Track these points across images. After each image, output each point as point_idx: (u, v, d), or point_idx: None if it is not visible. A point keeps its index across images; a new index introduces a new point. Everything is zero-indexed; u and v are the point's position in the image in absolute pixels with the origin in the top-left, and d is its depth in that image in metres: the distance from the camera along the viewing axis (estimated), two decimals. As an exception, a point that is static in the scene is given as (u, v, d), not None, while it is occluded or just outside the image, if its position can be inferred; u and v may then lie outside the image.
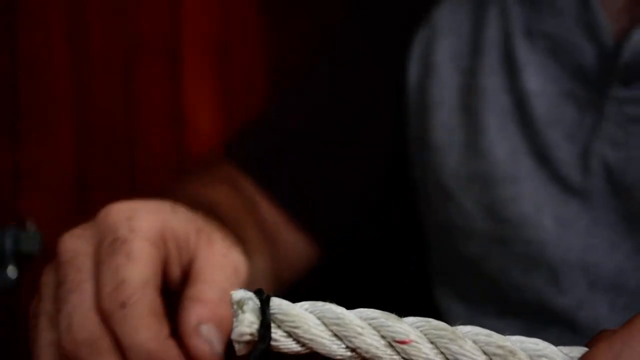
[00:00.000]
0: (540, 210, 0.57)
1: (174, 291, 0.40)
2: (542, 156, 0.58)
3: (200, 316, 0.37)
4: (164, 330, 0.37)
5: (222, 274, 0.39)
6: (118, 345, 0.36)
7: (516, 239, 0.58)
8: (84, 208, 0.81)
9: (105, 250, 0.38)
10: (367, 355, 0.31)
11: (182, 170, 0.84)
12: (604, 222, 0.56)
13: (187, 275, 0.40)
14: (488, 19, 0.62)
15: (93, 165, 0.82)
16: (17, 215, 0.79)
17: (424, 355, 0.30)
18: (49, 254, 0.77)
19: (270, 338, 0.30)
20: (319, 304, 0.31)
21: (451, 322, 0.32)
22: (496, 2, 0.62)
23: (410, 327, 0.31)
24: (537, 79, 0.59)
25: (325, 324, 0.31)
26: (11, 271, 0.77)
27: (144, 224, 0.39)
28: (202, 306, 0.37)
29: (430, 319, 0.31)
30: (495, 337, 0.31)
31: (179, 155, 0.85)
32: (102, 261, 0.38)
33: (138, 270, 0.37)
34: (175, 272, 0.40)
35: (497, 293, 0.59)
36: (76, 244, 0.39)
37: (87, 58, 0.83)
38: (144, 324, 0.36)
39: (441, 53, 0.63)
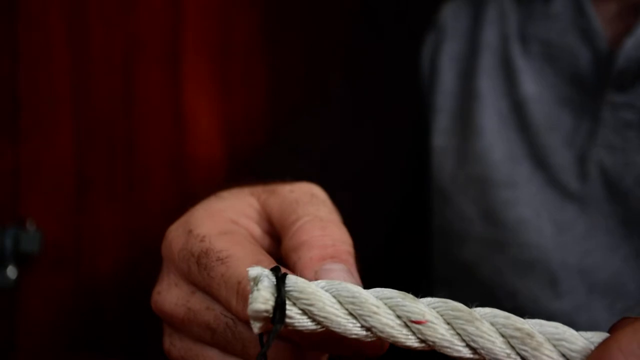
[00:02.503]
0: (538, 214, 0.58)
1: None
2: (539, 161, 0.58)
3: (324, 255, 0.34)
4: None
5: (305, 205, 0.37)
6: None
7: (513, 243, 0.58)
8: (84, 208, 0.81)
9: (201, 278, 0.35)
10: (382, 335, 0.30)
11: (182, 170, 0.84)
12: (602, 227, 0.56)
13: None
14: (486, 21, 0.62)
15: (93, 165, 0.82)
16: (17, 215, 0.79)
17: (439, 336, 0.30)
18: (49, 254, 0.78)
19: (285, 315, 0.30)
20: (335, 282, 0.31)
21: None
22: (495, 4, 0.63)
23: (426, 308, 0.30)
24: (533, 85, 0.59)
25: (340, 303, 0.30)
26: (11, 271, 0.77)
27: (205, 226, 0.36)
28: (322, 249, 0.35)
29: (448, 300, 0.31)
30: (513, 319, 0.31)
31: (179, 155, 0.85)
32: (208, 290, 0.35)
33: (242, 265, 0.34)
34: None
35: (491, 297, 0.59)
36: (173, 295, 0.37)
37: (87, 58, 0.82)
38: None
39: (444, 57, 0.64)
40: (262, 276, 0.30)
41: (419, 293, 0.32)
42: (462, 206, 0.61)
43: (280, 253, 0.37)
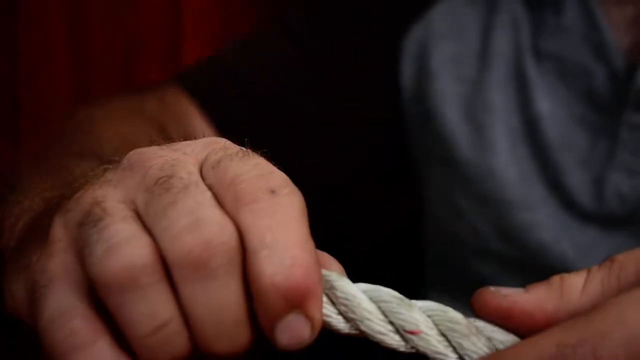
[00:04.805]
0: (558, 238, 0.55)
1: None
2: (553, 182, 0.56)
3: None
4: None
5: None
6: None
7: (536, 264, 0.56)
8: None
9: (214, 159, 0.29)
10: (373, 339, 0.29)
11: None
12: (625, 247, 0.52)
13: None
14: (498, 28, 0.58)
15: (93, 165, 0.82)
16: (17, 215, 0.79)
17: (432, 347, 0.29)
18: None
19: None
20: (333, 276, 0.29)
21: None
22: (507, 9, 0.58)
23: (422, 317, 0.29)
24: (547, 101, 0.56)
25: (333, 302, 0.29)
26: (11, 271, 0.77)
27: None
28: None
29: (448, 308, 0.30)
30: (512, 336, 0.30)
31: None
32: (217, 165, 0.29)
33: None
34: None
35: None
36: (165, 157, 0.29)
37: (87, 58, 0.83)
38: (297, 219, 0.27)
39: (440, 58, 0.60)
40: None
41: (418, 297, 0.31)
42: (478, 223, 0.58)
43: None
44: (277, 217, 0.27)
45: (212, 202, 0.27)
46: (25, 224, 0.36)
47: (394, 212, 0.70)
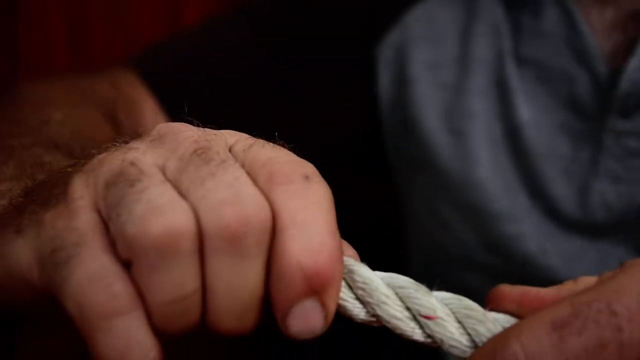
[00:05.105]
0: (544, 249, 0.54)
1: None
2: (537, 191, 0.55)
3: None
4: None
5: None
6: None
7: (523, 275, 0.55)
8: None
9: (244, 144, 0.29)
10: (388, 325, 0.29)
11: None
12: (614, 254, 0.53)
13: None
14: (477, 34, 0.56)
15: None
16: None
17: (448, 334, 0.29)
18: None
19: None
20: (350, 261, 0.29)
21: None
22: (487, 16, 0.57)
23: (438, 303, 0.30)
24: (529, 108, 0.55)
25: (350, 287, 0.29)
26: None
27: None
28: None
29: (463, 297, 0.30)
30: None
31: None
32: (250, 149, 0.29)
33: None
34: None
35: None
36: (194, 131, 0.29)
37: (87, 58, 0.82)
38: (328, 207, 0.28)
39: (418, 64, 0.58)
40: None
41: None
42: (464, 234, 0.57)
43: None
44: (311, 200, 0.27)
45: (249, 180, 0.27)
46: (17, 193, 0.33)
47: (360, 205, 0.70)
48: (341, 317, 0.29)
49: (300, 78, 0.60)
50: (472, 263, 0.57)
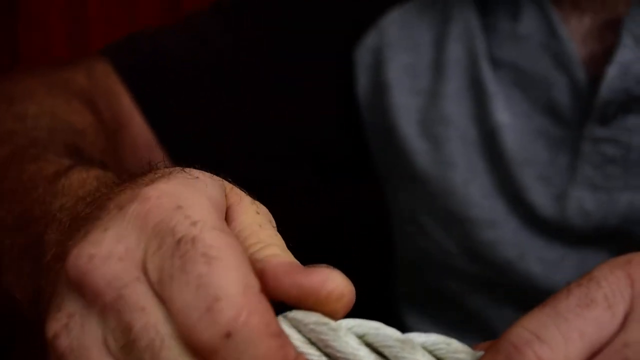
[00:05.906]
0: (523, 255, 0.54)
1: None
2: (515, 198, 0.54)
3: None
4: (292, 352, 0.27)
5: (268, 231, 0.30)
6: None
7: (503, 281, 0.55)
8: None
9: (170, 264, 0.27)
10: None
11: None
12: (594, 258, 0.53)
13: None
14: (451, 38, 0.56)
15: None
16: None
17: None
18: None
19: None
20: (325, 328, 0.28)
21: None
22: (460, 18, 0.56)
23: (425, 358, 0.29)
24: (505, 112, 0.54)
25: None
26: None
27: (198, 208, 0.28)
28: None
29: (452, 340, 0.30)
30: None
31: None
32: (168, 281, 0.27)
33: (229, 276, 0.26)
34: None
35: (480, 325, 0.57)
36: (115, 270, 0.27)
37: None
38: (265, 354, 0.26)
39: (395, 70, 0.57)
40: None
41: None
42: (444, 241, 0.57)
43: None
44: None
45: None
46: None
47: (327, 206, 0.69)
48: None
49: (270, 72, 0.60)
50: (454, 269, 0.57)
